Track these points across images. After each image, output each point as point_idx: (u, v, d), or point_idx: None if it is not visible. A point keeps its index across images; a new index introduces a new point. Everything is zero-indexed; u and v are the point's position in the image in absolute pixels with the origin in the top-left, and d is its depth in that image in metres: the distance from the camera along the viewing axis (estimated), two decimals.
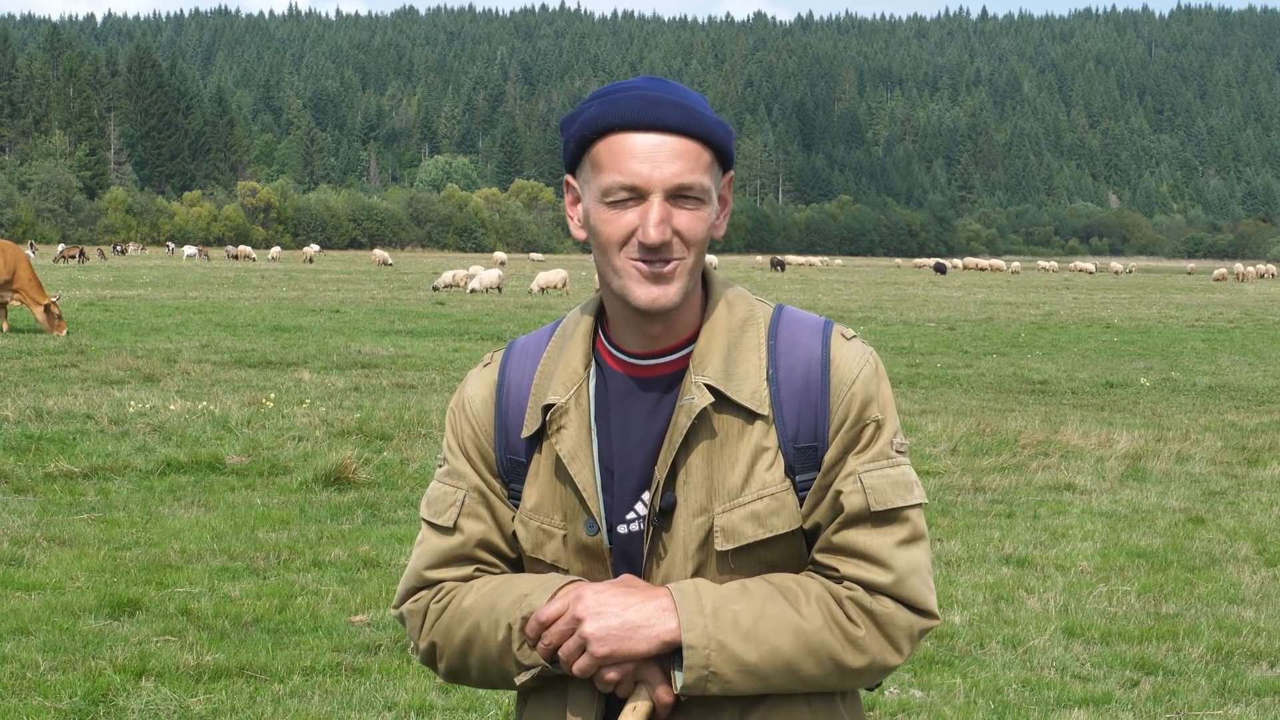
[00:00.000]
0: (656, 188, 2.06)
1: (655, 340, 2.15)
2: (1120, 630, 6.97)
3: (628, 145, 2.06)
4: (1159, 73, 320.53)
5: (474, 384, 2.28)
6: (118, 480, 10.06)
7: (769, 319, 2.18)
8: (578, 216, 2.18)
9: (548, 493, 2.17)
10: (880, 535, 2.09)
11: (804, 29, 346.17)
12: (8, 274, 22.38)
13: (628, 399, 2.16)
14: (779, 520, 2.11)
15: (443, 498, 2.24)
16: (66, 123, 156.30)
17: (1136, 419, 15.07)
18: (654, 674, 2.05)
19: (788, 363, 2.14)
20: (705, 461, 2.10)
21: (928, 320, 33.93)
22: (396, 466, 10.77)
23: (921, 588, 2.10)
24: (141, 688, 5.75)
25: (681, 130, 2.07)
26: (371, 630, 6.68)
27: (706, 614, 2.02)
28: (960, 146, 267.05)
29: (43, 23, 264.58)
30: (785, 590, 2.07)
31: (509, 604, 2.11)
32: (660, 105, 2.07)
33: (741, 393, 2.11)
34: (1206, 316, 39.30)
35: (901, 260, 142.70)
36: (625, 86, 2.11)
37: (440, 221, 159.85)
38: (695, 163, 2.07)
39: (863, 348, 2.17)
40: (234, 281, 49.99)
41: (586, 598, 2.04)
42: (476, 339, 24.65)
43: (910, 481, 2.13)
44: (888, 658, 2.08)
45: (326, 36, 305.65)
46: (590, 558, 2.15)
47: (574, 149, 2.13)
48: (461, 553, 2.21)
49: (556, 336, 2.26)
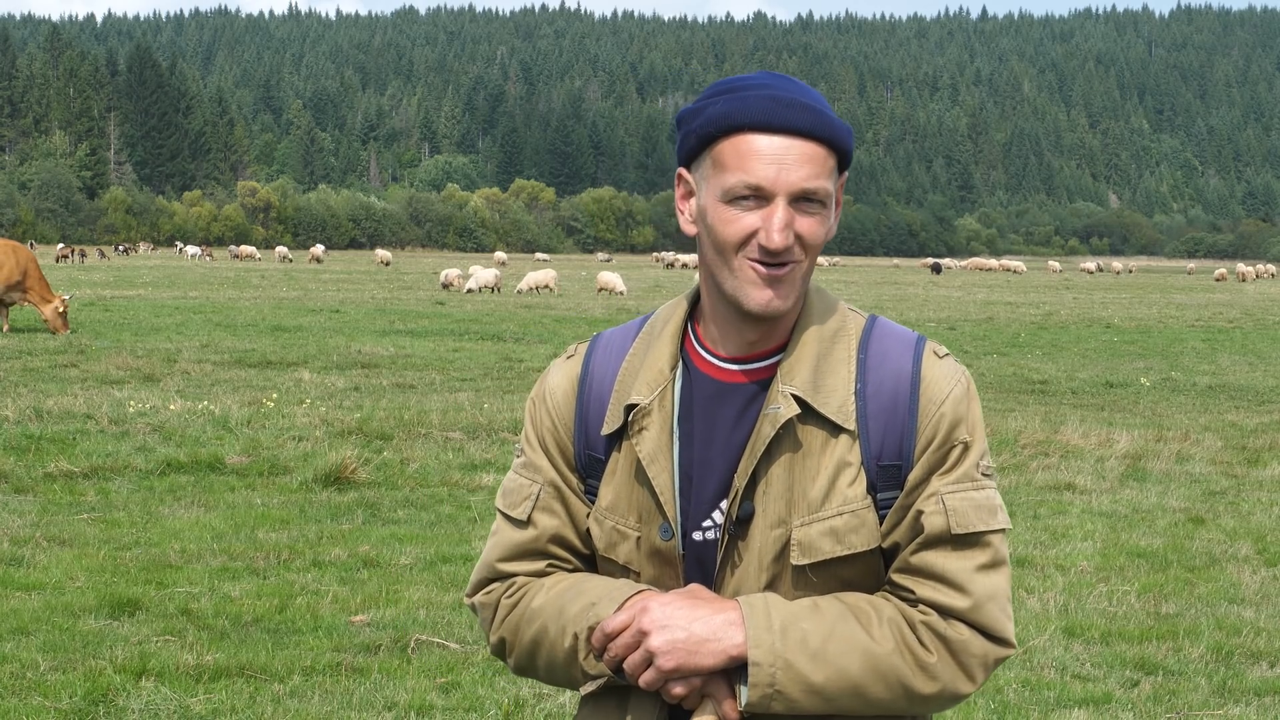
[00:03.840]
0: (782, 191, 2.01)
1: (751, 345, 2.11)
2: (1120, 630, 6.97)
3: (755, 146, 2.01)
4: (1159, 73, 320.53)
5: (556, 375, 2.23)
6: (118, 480, 10.06)
7: (860, 331, 2.13)
8: (689, 211, 2.12)
9: (624, 493, 2.13)
10: (960, 559, 2.03)
11: (804, 29, 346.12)
12: (19, 274, 22.70)
13: (713, 404, 2.11)
14: (858, 538, 2.06)
15: (518, 490, 2.20)
16: (66, 123, 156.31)
17: (1136, 419, 15.07)
18: (720, 688, 2.01)
19: (877, 378, 2.09)
20: (786, 473, 2.06)
21: (928, 320, 33.92)
22: (396, 466, 10.77)
23: (999, 615, 2.04)
24: (141, 688, 5.75)
25: (810, 134, 2.02)
26: (371, 630, 6.68)
27: (775, 631, 1.98)
28: (960, 146, 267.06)
29: (43, 23, 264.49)
30: (857, 610, 2.02)
31: (576, 611, 2.08)
32: (791, 107, 2.02)
33: (828, 405, 2.06)
34: (1207, 316, 39.30)
35: (900, 260, 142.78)
36: (751, 83, 2.06)
37: (440, 221, 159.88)
38: (821, 167, 2.03)
39: (955, 367, 2.12)
40: (234, 281, 49.99)
41: (653, 610, 2.00)
42: (476, 339, 24.64)
43: (994, 506, 2.07)
44: (959, 686, 2.02)
45: (326, 36, 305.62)
46: (662, 562, 2.11)
47: (695, 144, 2.07)
48: (534, 547, 2.18)
49: (644, 333, 2.20)
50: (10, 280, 22.56)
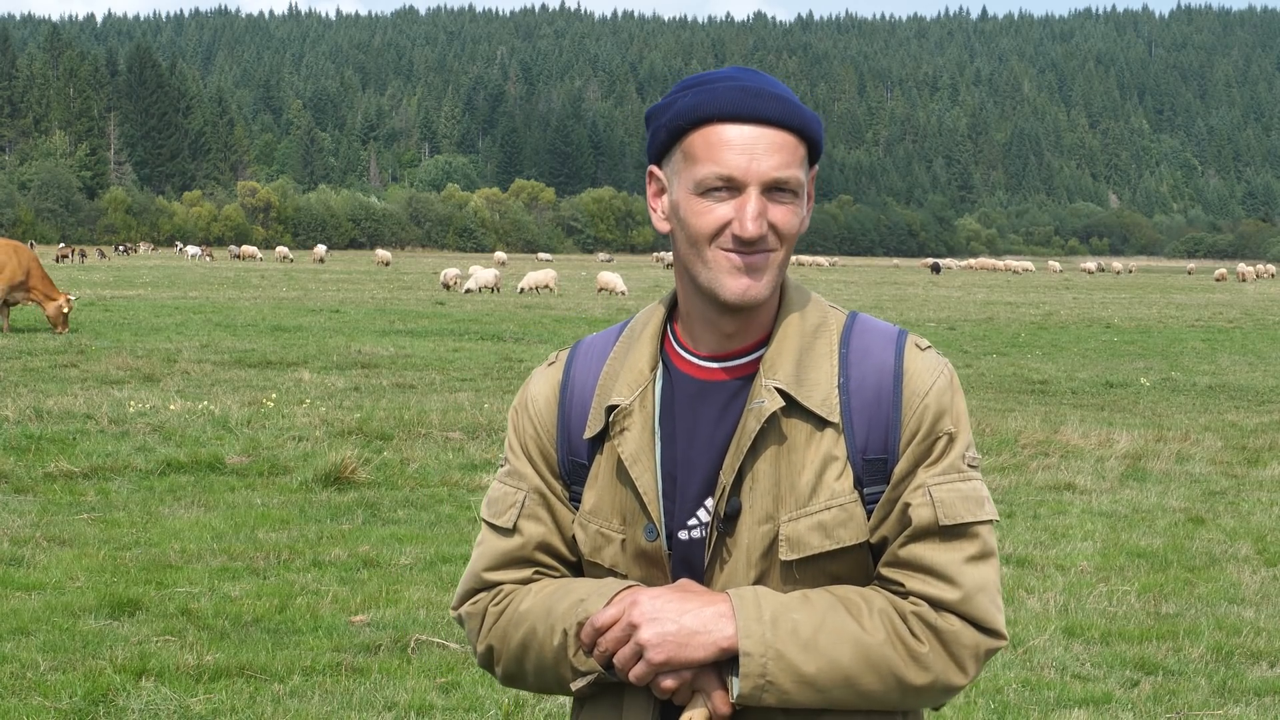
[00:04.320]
0: (754, 180, 2.01)
1: (729, 340, 2.10)
2: (1120, 630, 6.97)
3: (725, 136, 2.01)
4: (1159, 73, 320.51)
5: (538, 383, 2.23)
6: (118, 480, 10.06)
7: (841, 326, 2.13)
8: (662, 209, 2.12)
9: (606, 496, 2.13)
10: (948, 550, 2.03)
11: (804, 29, 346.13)
12: (22, 274, 22.91)
13: (695, 402, 2.10)
14: (846, 532, 2.05)
15: (503, 498, 2.20)
16: (66, 123, 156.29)
17: (1136, 419, 15.07)
18: (711, 682, 2.00)
19: (859, 372, 2.08)
20: (773, 468, 2.05)
21: (928, 320, 33.91)
22: (396, 466, 10.77)
23: (989, 606, 2.03)
24: (141, 688, 5.75)
25: (780, 123, 2.02)
26: (371, 630, 6.68)
27: (765, 622, 1.97)
28: (960, 146, 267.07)
29: (43, 23, 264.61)
30: (848, 602, 2.02)
31: (565, 609, 2.07)
32: (760, 97, 2.02)
33: (812, 399, 2.05)
34: (1206, 316, 39.31)
35: (900, 260, 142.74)
36: (718, 76, 2.06)
37: (440, 221, 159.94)
38: (792, 156, 2.03)
39: (937, 359, 2.12)
40: (234, 281, 49.99)
41: (642, 603, 2.00)
42: (476, 339, 24.65)
43: (981, 497, 2.07)
44: (951, 677, 2.02)
45: (326, 36, 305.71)
46: (649, 563, 2.10)
47: (664, 138, 2.07)
48: (521, 555, 2.17)
49: (624, 336, 2.20)
50: (14, 280, 22.77)
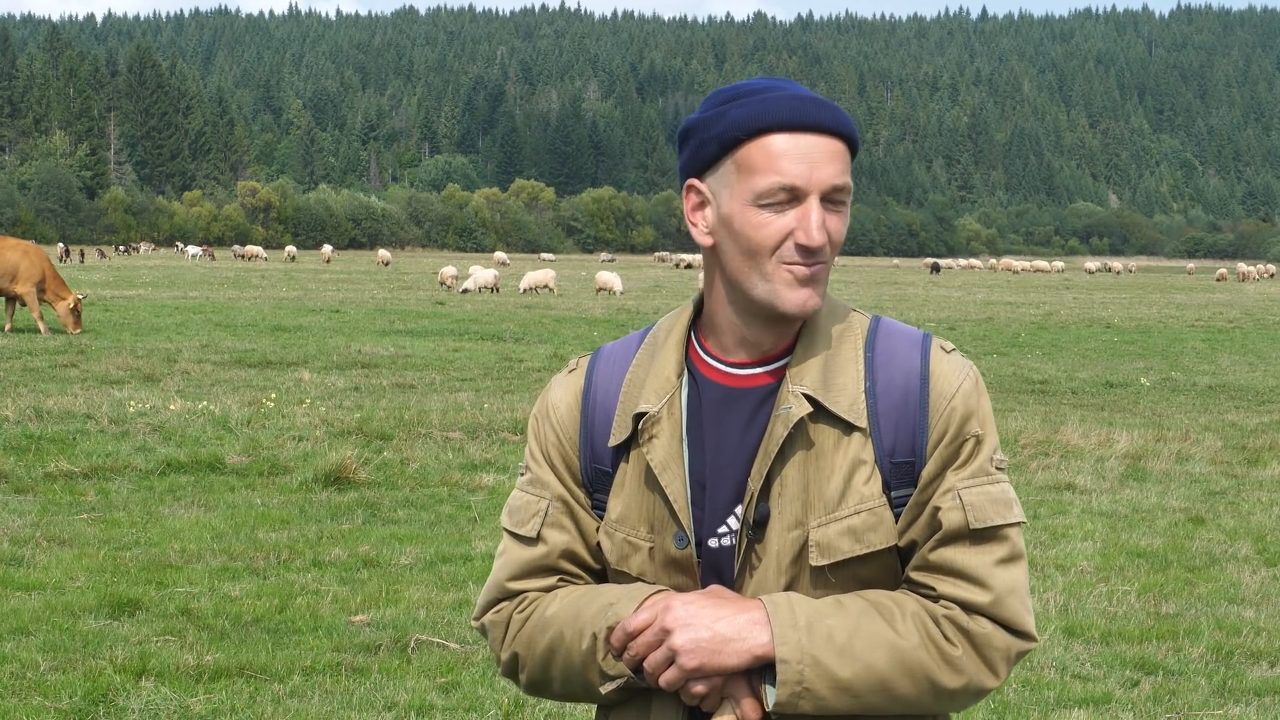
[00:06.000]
0: (815, 189, 2.02)
1: (759, 348, 2.10)
2: (1120, 630, 6.96)
3: (785, 146, 2.02)
4: (1159, 73, 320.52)
5: (559, 390, 2.21)
6: (118, 480, 10.06)
7: (866, 330, 2.13)
8: (704, 223, 2.10)
9: (634, 504, 2.11)
10: (979, 554, 2.03)
11: (804, 29, 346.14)
12: (38, 274, 23.11)
13: (722, 409, 2.10)
14: (876, 536, 2.05)
15: (525, 507, 2.18)
16: (66, 123, 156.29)
17: (1136, 419, 15.07)
18: (741, 689, 1.99)
19: (885, 376, 2.08)
20: (801, 473, 2.05)
21: (928, 320, 33.91)
22: (396, 466, 10.77)
23: (1020, 609, 2.04)
24: (141, 688, 5.75)
25: (833, 130, 2.04)
26: (371, 630, 6.68)
27: (801, 628, 1.96)
28: (960, 146, 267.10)
29: (43, 23, 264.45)
30: (880, 606, 2.02)
31: (594, 613, 2.06)
32: (815, 105, 2.04)
33: (840, 404, 2.05)
34: (1207, 316, 39.31)
35: (900, 260, 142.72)
36: (762, 86, 2.07)
37: (440, 221, 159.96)
38: (844, 163, 2.05)
39: (962, 362, 2.12)
40: (234, 281, 50.00)
41: (675, 608, 1.99)
42: (476, 339, 24.65)
43: (1010, 499, 2.07)
44: (984, 680, 2.02)
45: (326, 36, 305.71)
46: (679, 571, 2.09)
47: (715, 150, 2.06)
48: (545, 564, 2.15)
49: (647, 343, 2.19)
50: (35, 280, 23.03)
